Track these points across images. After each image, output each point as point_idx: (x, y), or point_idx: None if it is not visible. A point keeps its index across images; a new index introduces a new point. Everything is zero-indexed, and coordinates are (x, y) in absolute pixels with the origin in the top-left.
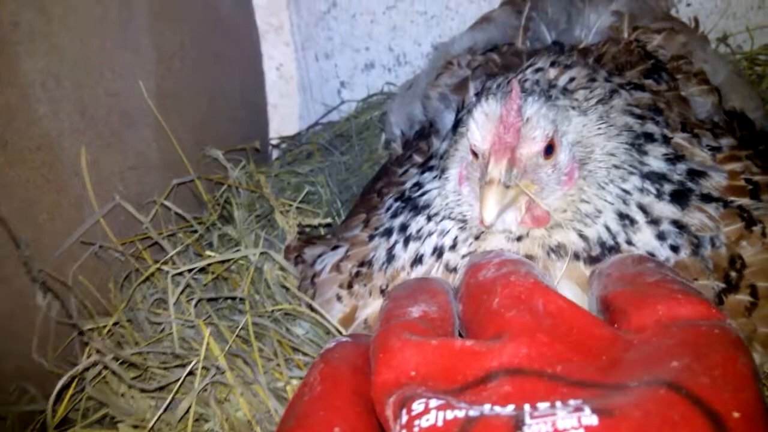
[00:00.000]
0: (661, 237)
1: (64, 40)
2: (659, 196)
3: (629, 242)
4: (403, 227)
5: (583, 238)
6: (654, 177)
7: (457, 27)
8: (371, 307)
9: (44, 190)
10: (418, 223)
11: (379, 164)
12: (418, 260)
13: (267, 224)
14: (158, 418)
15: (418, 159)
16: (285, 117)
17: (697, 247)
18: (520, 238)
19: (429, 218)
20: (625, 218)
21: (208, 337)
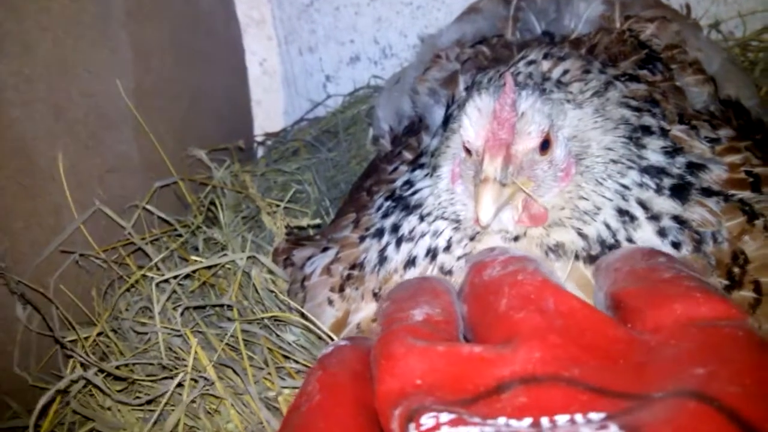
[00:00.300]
0: (662, 233)
1: (36, 40)
2: (659, 190)
3: (630, 240)
4: (395, 228)
5: (583, 236)
6: (653, 171)
7: (443, 18)
8: (364, 311)
9: (20, 197)
10: (411, 224)
11: (368, 160)
12: (411, 262)
13: (254, 225)
14: None
15: (408, 156)
16: (269, 113)
17: (699, 244)
18: (517, 238)
19: (421, 218)
20: (625, 214)
21: (196, 346)
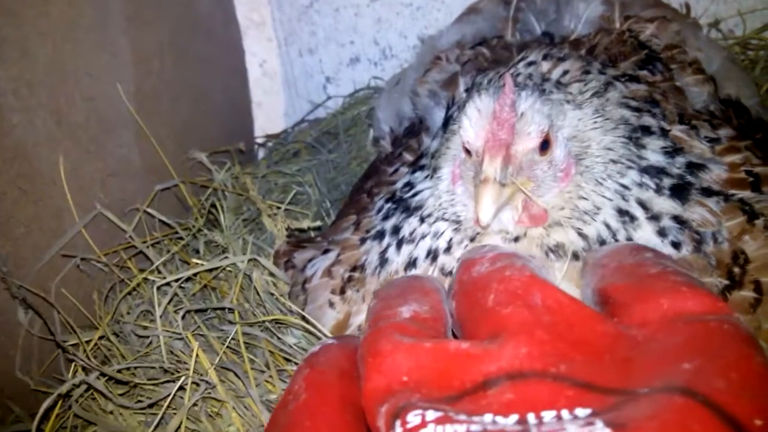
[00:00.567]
0: (662, 233)
1: (36, 45)
2: (659, 190)
3: (629, 239)
4: (396, 230)
5: (583, 236)
6: (653, 171)
7: (443, 18)
8: (365, 313)
9: (21, 202)
10: (411, 225)
11: (368, 161)
12: (412, 264)
13: (255, 228)
14: None
15: (408, 157)
16: (270, 115)
17: (699, 244)
18: (517, 239)
19: (422, 220)
20: (625, 214)
21: (198, 349)
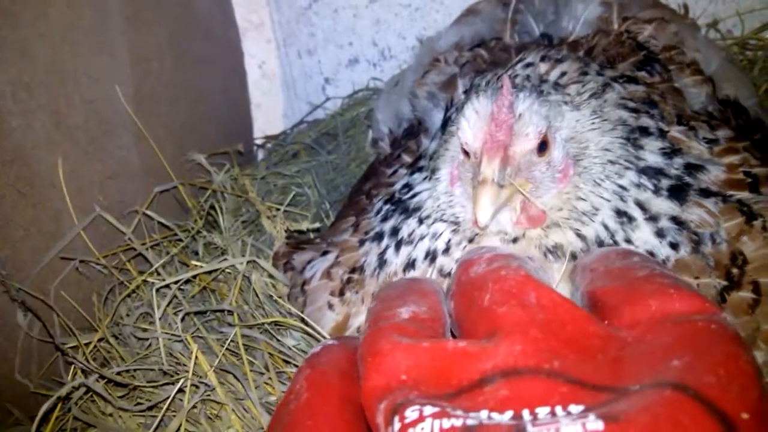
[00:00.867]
0: (660, 234)
1: (34, 47)
2: (657, 191)
3: (628, 240)
4: (394, 231)
5: (581, 237)
6: (651, 172)
7: (442, 19)
8: (364, 315)
9: (20, 205)
10: (410, 227)
11: (367, 163)
12: (411, 265)
13: (254, 229)
14: None
15: (407, 159)
16: (269, 116)
17: (697, 244)
18: (515, 240)
19: (420, 221)
20: (623, 215)
21: (197, 352)
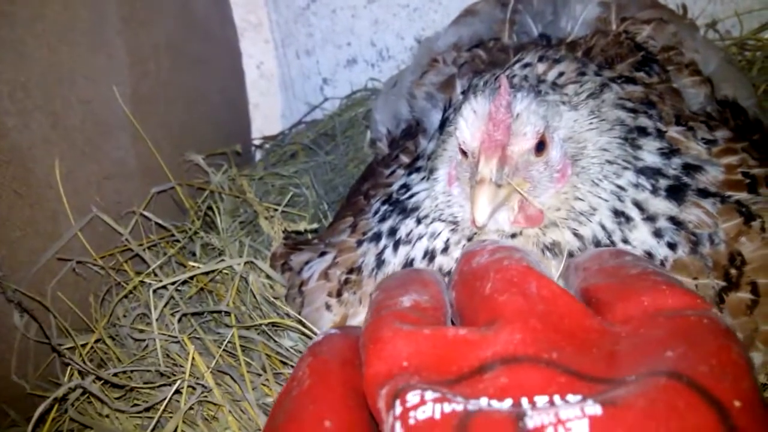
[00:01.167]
0: (658, 234)
1: (31, 48)
2: (655, 191)
3: (625, 240)
4: (392, 231)
5: (578, 237)
6: (649, 172)
7: (440, 19)
8: (362, 315)
9: (17, 205)
10: (408, 227)
11: (365, 163)
12: (409, 265)
13: (252, 230)
14: None
15: (405, 159)
16: (267, 116)
17: (695, 245)
18: (513, 236)
19: (418, 221)
20: (621, 215)
21: (194, 353)
